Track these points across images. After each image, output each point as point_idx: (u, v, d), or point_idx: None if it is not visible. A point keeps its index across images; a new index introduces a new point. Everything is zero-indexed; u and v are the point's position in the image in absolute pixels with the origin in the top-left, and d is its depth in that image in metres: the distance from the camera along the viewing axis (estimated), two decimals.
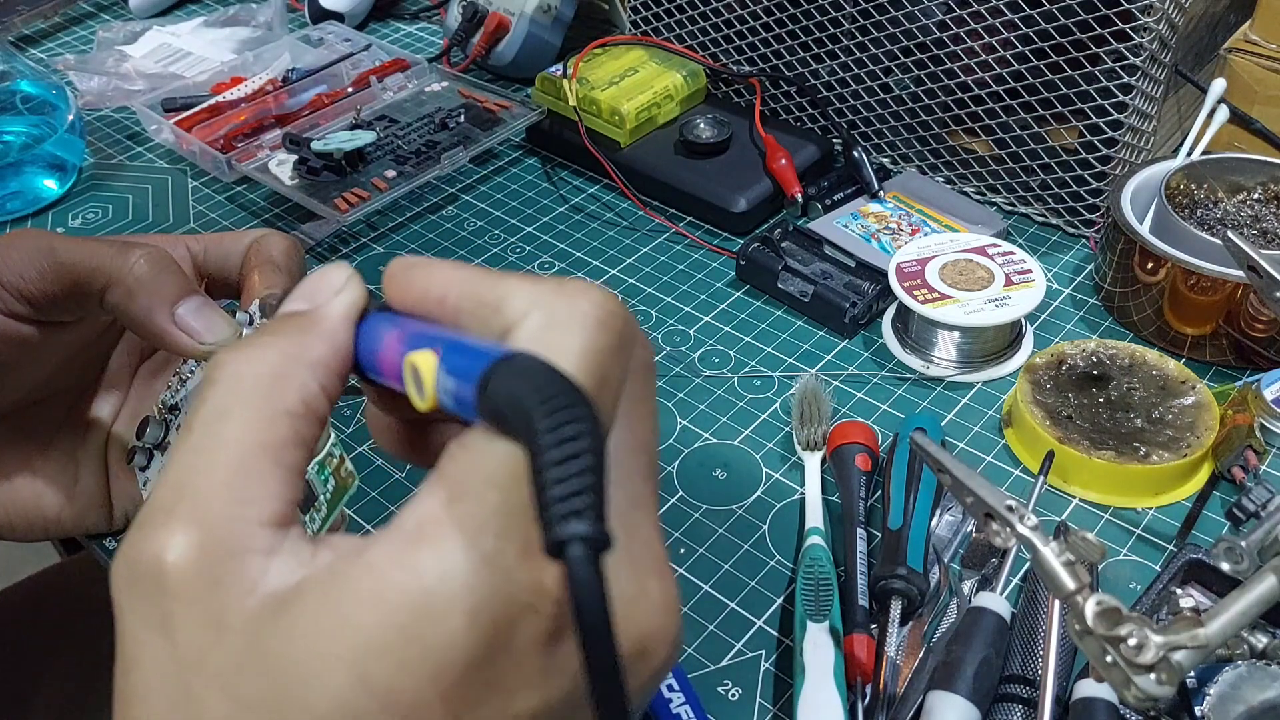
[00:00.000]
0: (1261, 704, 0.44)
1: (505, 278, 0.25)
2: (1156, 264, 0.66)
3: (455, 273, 0.25)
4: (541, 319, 0.23)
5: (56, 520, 0.48)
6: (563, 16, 0.98)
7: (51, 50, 1.10)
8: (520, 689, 0.21)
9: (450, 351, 0.24)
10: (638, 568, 0.23)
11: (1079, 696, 0.47)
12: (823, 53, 0.84)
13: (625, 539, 0.23)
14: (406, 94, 0.93)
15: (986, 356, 0.68)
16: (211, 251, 0.44)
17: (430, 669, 0.20)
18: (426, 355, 0.24)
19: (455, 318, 0.25)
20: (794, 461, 0.62)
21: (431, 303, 0.26)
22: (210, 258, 0.44)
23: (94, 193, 0.88)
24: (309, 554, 0.23)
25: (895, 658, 0.51)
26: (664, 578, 0.24)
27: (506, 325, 0.24)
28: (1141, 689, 0.34)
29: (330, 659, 0.20)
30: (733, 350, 0.70)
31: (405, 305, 0.26)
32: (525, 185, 0.87)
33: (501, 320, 0.24)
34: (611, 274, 0.77)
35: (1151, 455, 0.58)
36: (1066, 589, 0.36)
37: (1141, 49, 0.70)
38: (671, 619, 0.24)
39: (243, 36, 1.08)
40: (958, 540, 0.57)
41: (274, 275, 0.42)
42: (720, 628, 0.54)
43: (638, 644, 0.23)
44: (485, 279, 0.25)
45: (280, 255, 0.42)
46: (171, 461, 0.23)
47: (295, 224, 0.83)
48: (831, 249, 0.75)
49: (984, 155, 0.80)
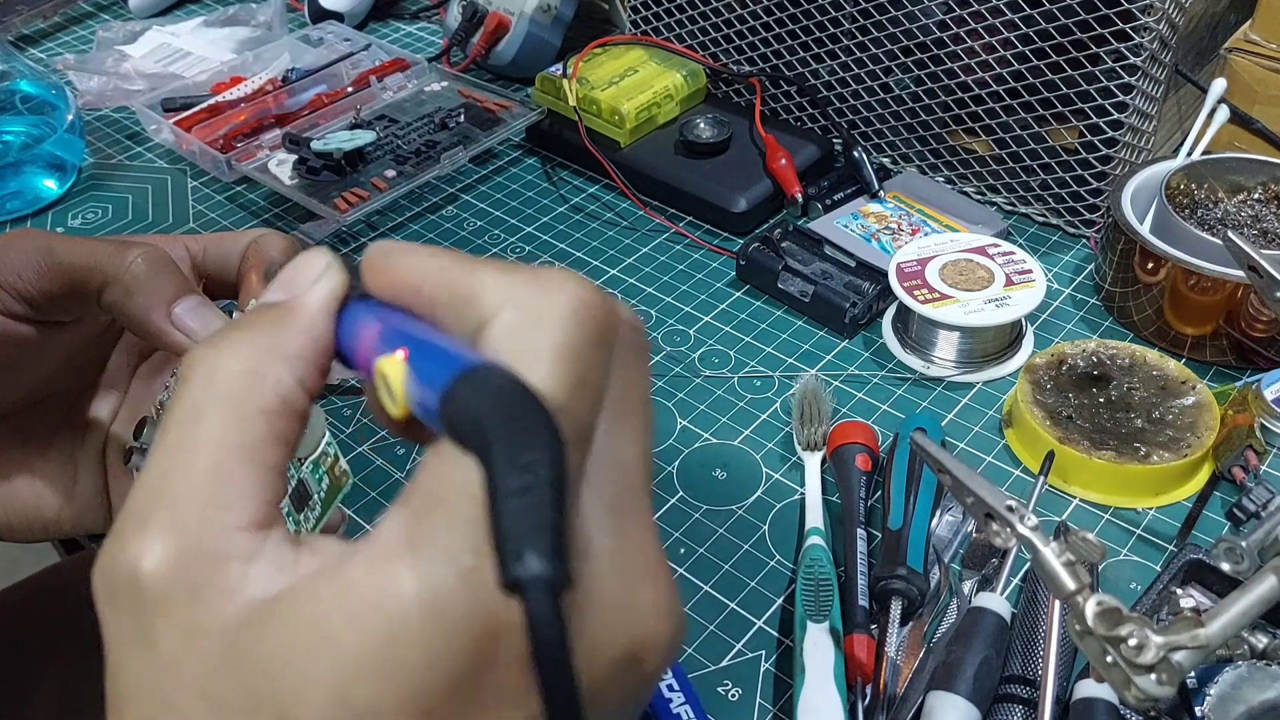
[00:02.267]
0: (1261, 704, 0.44)
1: (479, 268, 0.24)
2: (1157, 264, 0.66)
3: (431, 261, 0.24)
4: (514, 316, 0.22)
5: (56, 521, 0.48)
6: (563, 16, 0.98)
7: (51, 50, 1.10)
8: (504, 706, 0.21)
9: (419, 355, 0.23)
10: (627, 574, 0.23)
11: (1079, 697, 0.47)
12: (823, 53, 0.84)
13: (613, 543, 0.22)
14: (406, 94, 0.93)
15: (986, 356, 0.68)
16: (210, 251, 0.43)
17: (412, 690, 0.20)
18: (395, 362, 0.23)
19: (431, 309, 0.24)
20: (794, 461, 0.62)
21: (408, 292, 0.25)
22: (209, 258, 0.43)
23: (94, 193, 0.88)
24: (291, 559, 0.22)
25: (895, 658, 0.51)
26: (658, 583, 0.23)
27: (481, 319, 0.23)
28: (1142, 689, 0.34)
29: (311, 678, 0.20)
30: (733, 350, 0.70)
31: (383, 294, 0.26)
32: (525, 185, 0.87)
33: (476, 314, 0.23)
34: (611, 274, 0.77)
35: (1152, 455, 0.58)
36: (1067, 589, 0.36)
37: (1141, 49, 0.70)
38: (665, 624, 0.23)
39: (242, 36, 1.08)
40: (958, 540, 0.57)
41: None
42: (720, 628, 0.54)
43: (627, 652, 0.22)
44: (459, 268, 0.24)
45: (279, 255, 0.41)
46: (148, 465, 0.23)
47: (295, 224, 0.83)
48: (831, 249, 0.74)
49: (984, 155, 0.80)
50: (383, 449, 0.64)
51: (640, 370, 0.25)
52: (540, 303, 0.22)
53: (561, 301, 0.22)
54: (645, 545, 0.23)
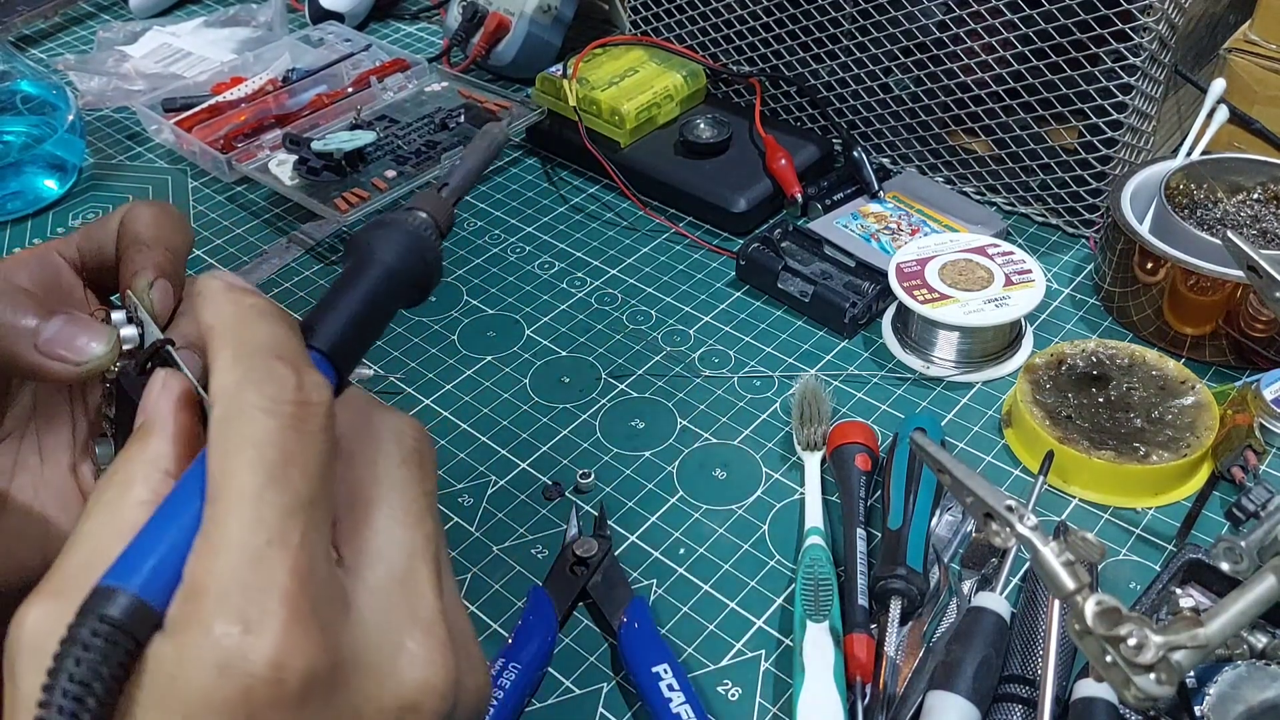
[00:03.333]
0: (1261, 704, 0.44)
1: (221, 345, 0.26)
2: (1156, 264, 0.66)
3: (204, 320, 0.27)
4: (220, 412, 0.25)
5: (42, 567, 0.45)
6: (563, 16, 0.98)
7: (52, 50, 1.10)
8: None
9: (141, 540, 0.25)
10: (389, 628, 0.25)
11: (1079, 696, 0.47)
12: (823, 53, 0.84)
13: (368, 599, 0.25)
14: (406, 94, 0.93)
15: (986, 356, 0.68)
16: (84, 248, 0.40)
17: None
18: None
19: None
20: (794, 461, 0.62)
21: (198, 340, 0.29)
22: (85, 254, 0.40)
23: (94, 193, 0.88)
24: None
25: (895, 658, 0.51)
26: (429, 632, 0.26)
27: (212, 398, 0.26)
28: (1141, 689, 0.34)
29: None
30: (733, 350, 0.70)
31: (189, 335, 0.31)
32: (525, 185, 0.88)
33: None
34: (612, 274, 0.77)
35: (1151, 455, 0.58)
36: (1066, 589, 0.36)
37: (1141, 49, 0.70)
38: (437, 671, 0.25)
39: (243, 36, 1.08)
40: (958, 540, 0.57)
41: (142, 255, 0.38)
42: (720, 628, 0.54)
43: (398, 700, 0.25)
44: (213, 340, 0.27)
45: (146, 229, 0.38)
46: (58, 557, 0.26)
47: (295, 224, 0.83)
48: (831, 249, 0.75)
49: (984, 155, 0.81)
50: None
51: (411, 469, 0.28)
52: (240, 402, 0.25)
53: (258, 403, 0.25)
54: (415, 595, 0.26)
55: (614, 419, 0.66)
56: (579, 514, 0.59)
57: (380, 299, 0.30)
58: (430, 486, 0.28)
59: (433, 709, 0.25)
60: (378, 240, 0.31)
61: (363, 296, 0.30)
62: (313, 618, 0.23)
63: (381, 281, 0.30)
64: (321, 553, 0.24)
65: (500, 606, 0.55)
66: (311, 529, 0.24)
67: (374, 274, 0.30)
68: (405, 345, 0.72)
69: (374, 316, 0.30)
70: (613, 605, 0.53)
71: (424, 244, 0.31)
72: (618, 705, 0.51)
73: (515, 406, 0.67)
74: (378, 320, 0.30)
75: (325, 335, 0.29)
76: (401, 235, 0.31)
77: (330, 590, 0.24)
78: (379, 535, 0.26)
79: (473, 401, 0.67)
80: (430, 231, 0.32)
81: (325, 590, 0.24)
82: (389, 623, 0.25)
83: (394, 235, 0.31)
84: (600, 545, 0.56)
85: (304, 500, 0.24)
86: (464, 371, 0.70)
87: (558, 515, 0.60)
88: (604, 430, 0.65)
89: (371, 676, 0.24)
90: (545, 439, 0.65)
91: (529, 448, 0.64)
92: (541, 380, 0.69)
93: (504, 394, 0.68)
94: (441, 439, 0.65)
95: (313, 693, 0.23)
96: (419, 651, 0.25)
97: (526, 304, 0.75)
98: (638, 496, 0.61)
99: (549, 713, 0.50)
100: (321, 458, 0.25)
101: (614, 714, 0.50)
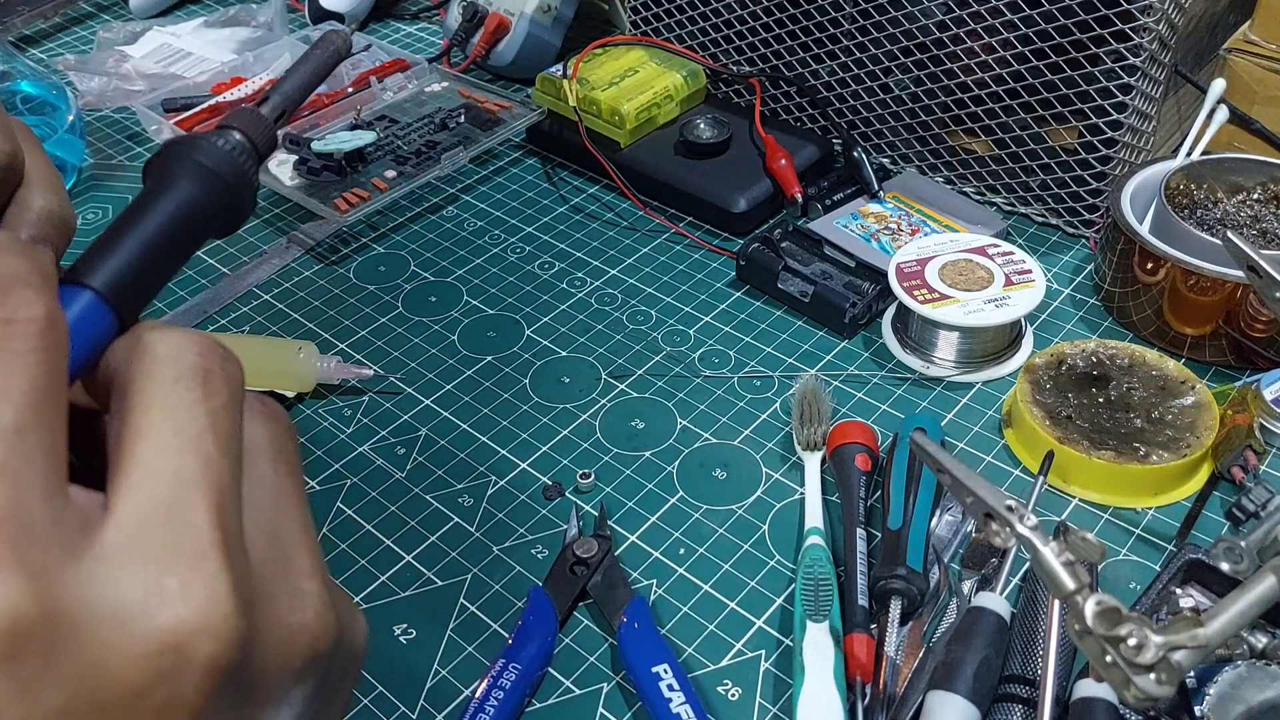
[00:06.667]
0: (1261, 704, 0.44)
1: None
2: (1156, 264, 0.66)
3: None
4: None
5: None
6: (563, 16, 0.98)
7: (51, 50, 1.10)
8: None
9: None
10: (141, 566, 0.22)
11: (1079, 696, 0.47)
12: (823, 53, 0.84)
13: (116, 536, 0.22)
14: (406, 94, 0.93)
15: (986, 356, 0.68)
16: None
17: None
18: None
19: None
20: (794, 461, 0.62)
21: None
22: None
23: (94, 193, 0.88)
24: None
25: (895, 658, 0.51)
26: (195, 566, 0.23)
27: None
28: (1141, 689, 0.34)
29: None
30: (733, 350, 0.70)
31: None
32: (525, 185, 0.88)
33: None
34: (611, 274, 0.77)
35: (1151, 455, 0.58)
36: (1066, 589, 0.36)
37: (1141, 49, 0.70)
38: (204, 608, 0.22)
39: (243, 37, 1.08)
40: (958, 540, 0.57)
41: None
42: (720, 628, 0.54)
43: (152, 644, 0.22)
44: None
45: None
46: None
47: (295, 224, 0.83)
48: (831, 249, 0.75)
49: (984, 155, 0.81)
50: (383, 449, 0.64)
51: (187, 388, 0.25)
52: None
53: None
54: (180, 542, 0.23)
55: (614, 419, 0.66)
56: (579, 514, 0.59)
57: (175, 231, 0.26)
58: (217, 404, 0.25)
59: (207, 651, 0.22)
60: (177, 163, 0.27)
61: (154, 227, 0.26)
62: (15, 564, 0.20)
63: (178, 210, 0.27)
64: (37, 489, 0.21)
65: (500, 607, 0.55)
66: (21, 462, 0.21)
67: (168, 203, 0.27)
68: (405, 345, 0.72)
69: (167, 250, 0.26)
70: (613, 605, 0.54)
71: (233, 168, 0.28)
72: (618, 705, 0.51)
73: (515, 406, 0.67)
74: (173, 255, 0.27)
75: (101, 271, 0.25)
76: (206, 158, 0.27)
77: (49, 531, 0.21)
78: (139, 466, 0.24)
79: (473, 401, 0.67)
80: (243, 154, 0.28)
81: (38, 531, 0.21)
82: (142, 560, 0.22)
83: (196, 158, 0.27)
84: (600, 545, 0.56)
85: (7, 430, 0.21)
86: (464, 371, 0.70)
87: (558, 515, 0.60)
88: (604, 430, 0.65)
89: (115, 622, 0.22)
90: (545, 439, 0.65)
91: (529, 448, 0.64)
92: (541, 380, 0.69)
93: (504, 394, 0.68)
94: (441, 439, 0.65)
95: (24, 647, 0.20)
96: (179, 588, 0.22)
97: (526, 304, 0.75)
98: (638, 496, 0.61)
99: (549, 713, 0.50)
100: (33, 382, 0.22)
101: (614, 714, 0.50)
